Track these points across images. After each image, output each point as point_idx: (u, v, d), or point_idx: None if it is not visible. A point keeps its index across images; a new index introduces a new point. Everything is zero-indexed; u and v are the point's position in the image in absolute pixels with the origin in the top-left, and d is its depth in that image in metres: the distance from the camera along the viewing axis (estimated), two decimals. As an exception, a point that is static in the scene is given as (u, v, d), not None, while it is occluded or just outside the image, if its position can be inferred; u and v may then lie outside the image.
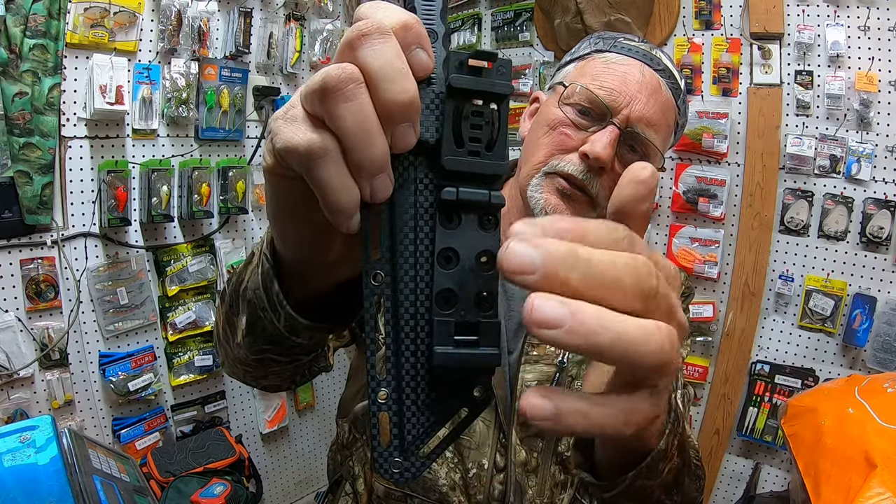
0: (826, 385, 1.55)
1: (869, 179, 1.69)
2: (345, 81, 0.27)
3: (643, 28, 1.96)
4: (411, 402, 0.29)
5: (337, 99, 0.27)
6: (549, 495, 0.80)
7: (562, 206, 0.74)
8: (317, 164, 0.28)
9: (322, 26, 2.04)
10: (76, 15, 1.47)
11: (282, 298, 0.44)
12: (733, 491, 1.95)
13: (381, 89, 0.27)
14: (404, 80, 0.27)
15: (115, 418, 1.68)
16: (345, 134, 0.27)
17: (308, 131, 0.28)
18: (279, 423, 2.12)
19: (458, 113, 0.29)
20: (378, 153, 0.28)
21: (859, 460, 1.04)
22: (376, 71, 0.27)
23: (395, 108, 0.27)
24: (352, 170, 0.28)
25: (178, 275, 1.76)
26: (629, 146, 0.75)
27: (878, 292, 1.70)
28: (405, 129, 0.28)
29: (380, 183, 0.28)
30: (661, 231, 2.03)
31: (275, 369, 0.58)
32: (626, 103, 0.72)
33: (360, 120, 0.27)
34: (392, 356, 0.29)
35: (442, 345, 0.28)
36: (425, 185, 0.30)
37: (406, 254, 0.30)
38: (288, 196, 0.35)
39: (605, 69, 0.75)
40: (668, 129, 0.78)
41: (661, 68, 0.76)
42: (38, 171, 1.45)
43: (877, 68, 1.66)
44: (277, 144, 0.29)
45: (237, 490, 1.66)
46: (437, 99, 0.30)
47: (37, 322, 1.51)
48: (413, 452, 0.30)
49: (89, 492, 0.61)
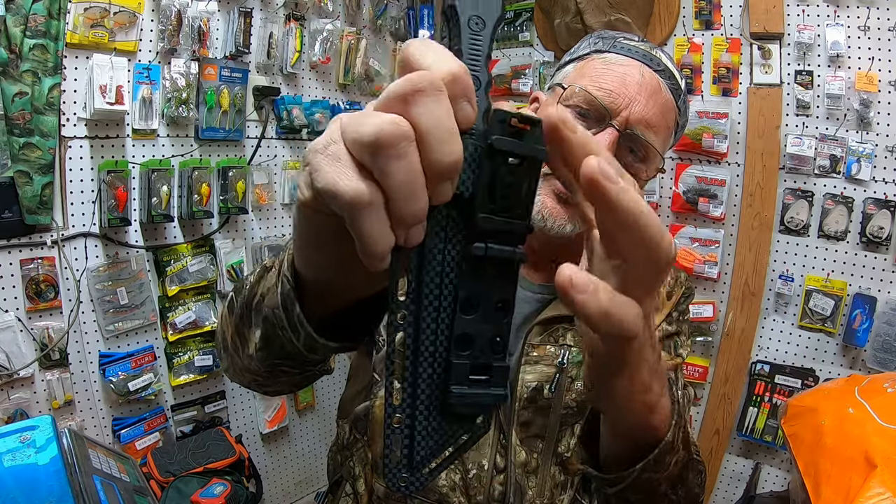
0: (826, 385, 1.55)
1: (869, 179, 1.69)
2: (398, 139, 0.27)
3: (643, 28, 1.96)
4: (422, 428, 0.32)
5: (389, 156, 0.27)
6: (549, 496, 0.80)
7: (558, 210, 0.74)
8: (361, 214, 0.28)
9: (322, 26, 2.04)
10: (76, 15, 1.47)
11: (303, 320, 0.44)
12: (733, 491, 1.95)
13: (431, 149, 0.27)
14: (453, 141, 0.28)
15: (115, 418, 1.68)
16: (392, 189, 0.28)
17: (355, 179, 0.28)
18: (279, 423, 2.12)
19: (495, 172, 0.30)
20: (420, 208, 0.28)
21: (859, 460, 1.04)
22: (429, 131, 0.27)
23: (443, 169, 0.28)
24: (392, 220, 0.29)
25: (178, 275, 1.76)
26: (628, 148, 0.74)
27: (878, 292, 1.70)
28: (446, 185, 0.29)
29: (415, 232, 0.29)
30: (661, 231, 2.03)
31: (283, 379, 0.59)
32: (625, 105, 0.72)
33: (409, 179, 0.27)
34: (409, 388, 0.32)
35: (458, 384, 0.32)
36: (455, 234, 0.32)
37: (431, 297, 0.31)
38: (320, 230, 0.36)
39: (605, 70, 0.75)
40: (668, 130, 0.78)
41: (661, 69, 0.75)
42: (38, 171, 1.45)
43: (877, 68, 1.66)
44: (318, 184, 0.29)
45: (237, 490, 1.66)
46: (475, 153, 0.30)
47: (37, 322, 1.51)
48: (419, 469, 0.33)
49: (89, 492, 0.61)
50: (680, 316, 0.88)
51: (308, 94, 2.09)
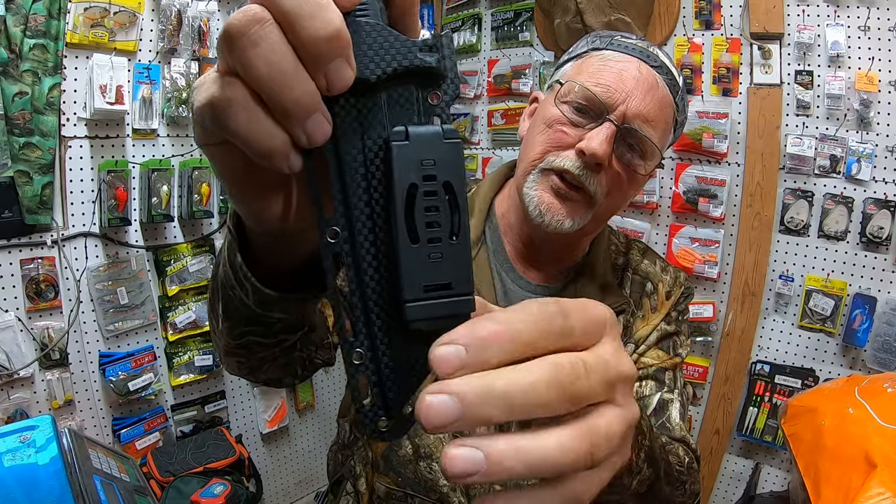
0: (826, 385, 1.55)
1: (869, 179, 1.69)
2: (247, 25, 0.25)
3: (643, 28, 1.96)
4: (388, 361, 0.28)
5: (244, 45, 0.25)
6: None
7: (556, 205, 0.74)
8: (225, 116, 0.26)
9: (322, 26, 2.04)
10: (76, 15, 1.47)
11: (246, 270, 0.42)
12: (733, 491, 1.95)
13: (298, 27, 0.25)
14: (321, 13, 0.25)
15: (115, 418, 1.68)
16: (258, 81, 0.25)
17: (213, 86, 0.27)
18: (279, 422, 2.12)
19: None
20: (300, 93, 0.25)
21: (859, 460, 1.04)
22: (288, 8, 0.25)
23: (320, 46, 0.25)
24: (278, 117, 0.26)
25: (178, 275, 1.76)
26: (627, 144, 0.74)
27: (878, 292, 1.70)
28: (338, 65, 0.26)
29: (313, 124, 0.26)
30: (661, 231, 2.03)
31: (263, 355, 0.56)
32: (622, 100, 0.72)
33: (271, 62, 0.25)
34: (361, 314, 0.28)
35: (413, 300, 0.27)
36: (372, 127, 0.27)
37: (360, 205, 0.27)
38: (226, 163, 0.32)
39: (602, 66, 0.75)
40: (667, 126, 0.78)
41: (657, 65, 0.76)
42: (38, 171, 1.45)
43: (877, 68, 1.66)
44: (193, 111, 0.28)
45: (237, 490, 1.66)
46: (374, 33, 0.27)
47: (37, 322, 1.51)
48: (398, 411, 0.29)
49: (89, 492, 0.61)
50: (679, 316, 0.88)
51: (308, 94, 2.09)
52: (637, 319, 0.85)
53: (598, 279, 0.83)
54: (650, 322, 0.85)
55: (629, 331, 0.85)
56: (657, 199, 2.01)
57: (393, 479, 0.83)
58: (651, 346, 0.84)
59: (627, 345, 0.85)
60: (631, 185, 0.77)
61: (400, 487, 0.82)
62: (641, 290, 0.87)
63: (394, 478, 0.83)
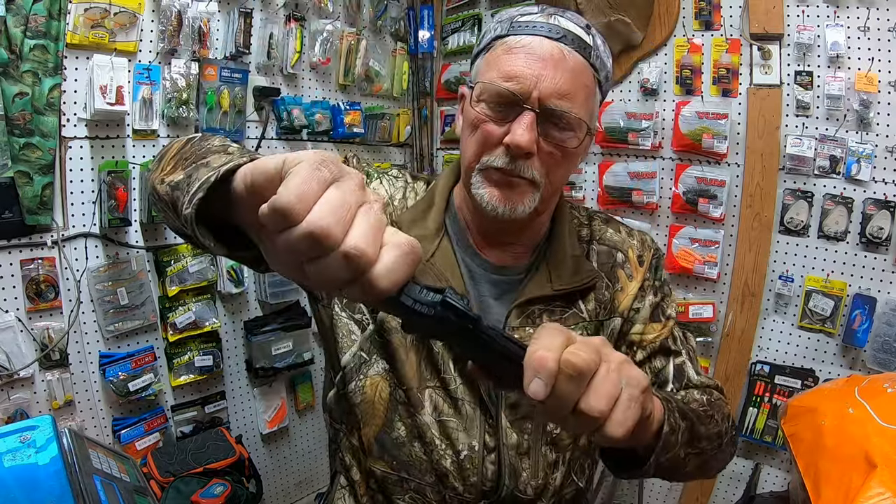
0: (826, 385, 1.55)
1: (869, 180, 1.69)
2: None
3: (643, 28, 1.96)
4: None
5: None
6: (542, 476, 0.83)
7: (504, 196, 0.78)
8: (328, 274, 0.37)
9: (322, 27, 2.04)
10: (76, 15, 1.48)
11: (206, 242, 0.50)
12: (733, 491, 1.95)
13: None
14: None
15: (115, 418, 1.68)
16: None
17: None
18: (279, 423, 2.12)
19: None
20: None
21: (859, 460, 1.03)
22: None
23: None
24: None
25: (178, 275, 1.76)
26: (552, 123, 0.76)
27: (878, 292, 1.70)
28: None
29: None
30: (661, 231, 2.03)
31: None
32: (533, 84, 0.73)
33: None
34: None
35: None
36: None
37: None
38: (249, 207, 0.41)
39: (507, 57, 0.76)
40: (587, 90, 0.78)
41: (560, 36, 0.75)
42: (38, 172, 1.45)
43: (877, 69, 1.66)
44: (278, 200, 0.36)
45: (237, 490, 1.65)
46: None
47: (37, 322, 1.51)
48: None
49: (89, 492, 0.61)
50: (656, 282, 0.92)
51: (308, 95, 2.09)
52: (617, 293, 0.89)
53: (566, 252, 0.86)
54: (629, 291, 0.89)
55: (612, 305, 0.88)
56: (657, 200, 2.01)
57: (388, 462, 0.84)
58: (647, 322, 0.89)
59: (613, 318, 0.88)
60: (568, 158, 0.79)
61: (395, 471, 0.83)
62: (610, 260, 0.90)
63: (388, 461, 0.84)
